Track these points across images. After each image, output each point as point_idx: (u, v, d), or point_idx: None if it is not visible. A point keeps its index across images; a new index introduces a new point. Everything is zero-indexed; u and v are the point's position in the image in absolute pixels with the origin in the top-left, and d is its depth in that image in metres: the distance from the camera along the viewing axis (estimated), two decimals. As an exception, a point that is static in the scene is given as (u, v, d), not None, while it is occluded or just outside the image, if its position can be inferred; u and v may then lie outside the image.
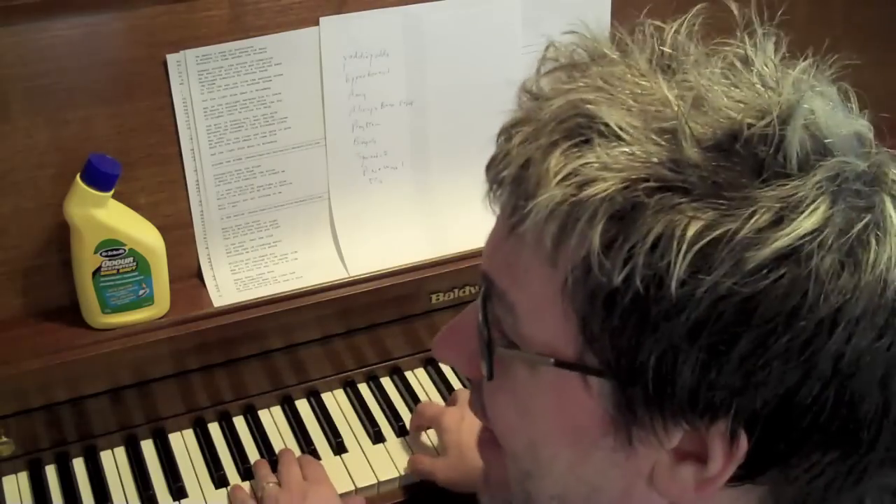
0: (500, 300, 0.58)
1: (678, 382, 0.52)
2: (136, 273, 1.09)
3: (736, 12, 0.58)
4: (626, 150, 0.52)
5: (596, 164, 0.52)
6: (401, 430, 1.19)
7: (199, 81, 1.09)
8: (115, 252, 1.06)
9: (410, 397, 1.23)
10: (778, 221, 0.50)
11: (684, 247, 0.49)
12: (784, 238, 0.49)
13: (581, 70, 0.60)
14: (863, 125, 0.56)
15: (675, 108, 0.53)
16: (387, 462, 1.15)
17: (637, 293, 0.51)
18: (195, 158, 1.13)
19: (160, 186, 1.13)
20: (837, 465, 0.55)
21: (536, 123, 0.58)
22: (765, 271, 0.49)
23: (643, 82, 0.56)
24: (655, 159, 0.51)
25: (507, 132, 0.61)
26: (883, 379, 0.53)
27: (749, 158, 0.51)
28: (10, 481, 1.10)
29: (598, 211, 0.51)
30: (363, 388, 1.25)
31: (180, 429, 1.18)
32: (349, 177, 1.21)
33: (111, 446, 1.15)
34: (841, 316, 0.50)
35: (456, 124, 1.24)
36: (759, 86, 0.54)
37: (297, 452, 1.16)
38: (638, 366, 0.53)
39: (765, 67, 0.56)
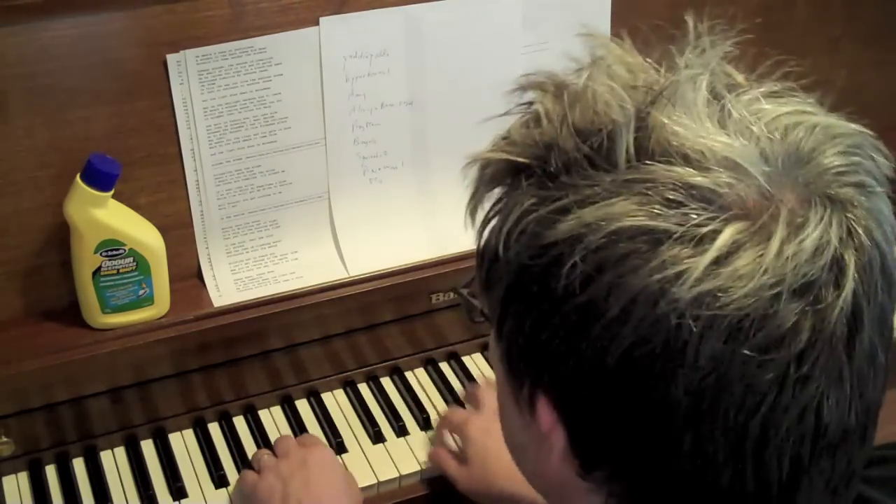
0: None
1: (504, 345, 0.59)
2: (136, 273, 1.09)
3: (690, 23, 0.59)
4: (535, 131, 0.57)
5: (505, 139, 0.59)
6: (401, 430, 1.19)
7: (199, 81, 1.09)
8: (115, 252, 1.06)
9: (410, 397, 1.23)
10: (566, 210, 0.53)
11: (511, 218, 0.56)
12: (562, 225, 0.53)
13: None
14: (740, 146, 0.53)
15: (570, 95, 0.56)
16: (387, 462, 1.15)
17: (486, 251, 0.59)
18: (195, 158, 1.13)
19: (160, 186, 1.13)
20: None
21: None
22: (547, 251, 0.53)
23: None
24: (540, 140, 0.57)
25: None
26: (664, 381, 0.52)
27: (596, 151, 0.54)
28: (10, 481, 1.10)
29: (489, 176, 0.59)
30: (363, 388, 1.25)
31: (180, 429, 1.18)
32: (349, 177, 1.21)
33: (111, 446, 1.15)
34: (596, 313, 0.52)
35: (456, 124, 1.24)
36: (635, 84, 0.56)
37: (297, 452, 1.16)
38: (496, 322, 0.60)
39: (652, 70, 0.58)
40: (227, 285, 1.17)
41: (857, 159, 0.55)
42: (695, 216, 0.51)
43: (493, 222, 0.59)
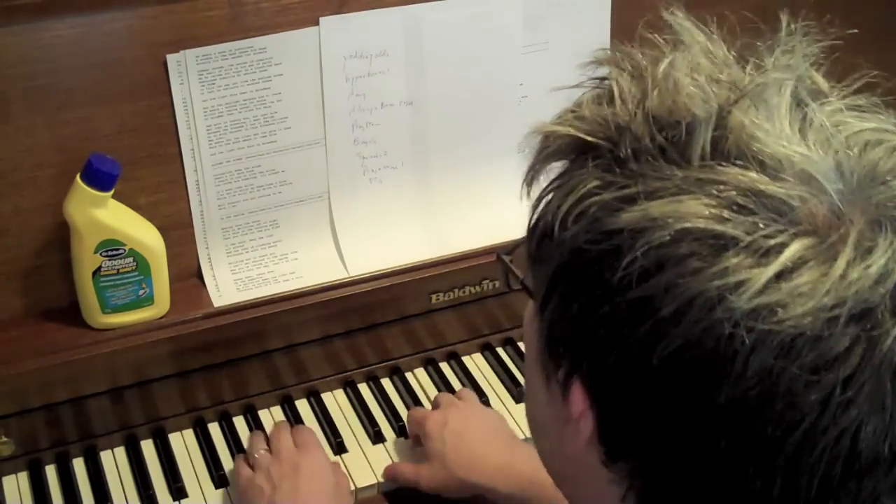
0: None
1: (546, 323, 0.58)
2: (136, 273, 1.09)
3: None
4: (607, 110, 0.56)
5: (574, 114, 0.58)
6: (401, 430, 1.19)
7: (199, 81, 1.09)
8: (115, 252, 1.06)
9: (410, 397, 1.23)
10: (632, 199, 0.52)
11: (572, 197, 0.54)
12: (626, 215, 0.52)
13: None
14: (818, 158, 0.52)
15: (649, 78, 0.55)
16: (387, 462, 1.15)
17: (539, 226, 0.58)
18: (195, 158, 1.13)
19: (160, 186, 1.13)
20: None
21: None
22: (607, 239, 0.52)
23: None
24: (612, 121, 0.55)
25: None
26: (709, 376, 0.51)
27: (671, 143, 0.53)
28: (10, 481, 1.10)
29: (553, 150, 0.58)
30: (363, 388, 1.25)
31: (180, 429, 1.18)
32: (349, 177, 1.21)
33: (111, 446, 1.15)
34: (649, 310, 0.51)
35: (456, 124, 1.24)
36: (719, 78, 0.55)
37: (297, 452, 1.16)
38: (541, 298, 0.58)
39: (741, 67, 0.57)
40: (227, 285, 1.17)
41: None
42: (763, 226, 0.49)
43: (551, 197, 0.57)
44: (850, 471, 0.52)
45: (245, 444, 1.16)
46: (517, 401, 1.24)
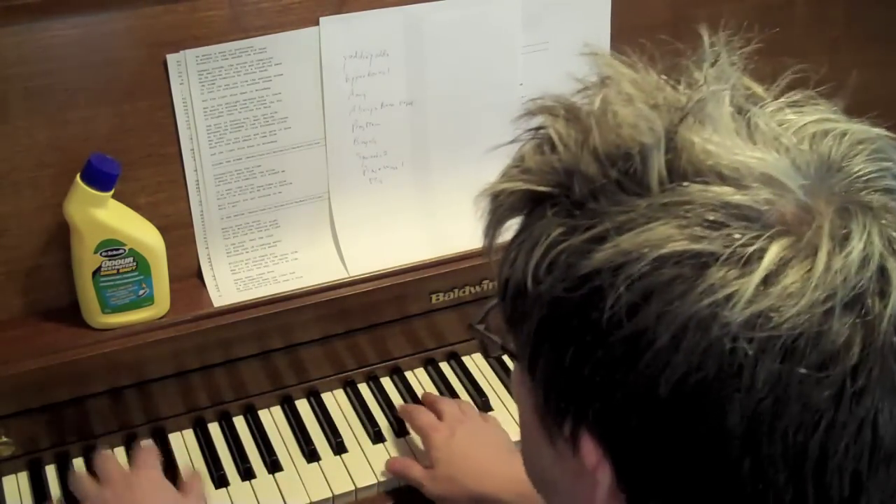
0: None
1: (540, 382, 0.56)
2: (136, 273, 1.09)
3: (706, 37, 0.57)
4: (552, 157, 0.55)
5: (519, 167, 0.57)
6: (401, 430, 1.19)
7: (199, 81, 1.09)
8: (115, 252, 1.06)
9: (410, 397, 1.23)
10: (601, 238, 0.51)
11: (539, 250, 0.54)
12: (599, 255, 0.51)
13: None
14: (773, 159, 0.52)
15: (586, 118, 0.55)
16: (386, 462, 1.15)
17: (510, 286, 0.56)
18: (195, 158, 1.13)
19: (160, 186, 1.13)
20: None
21: None
22: (585, 282, 0.51)
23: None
24: (559, 167, 0.55)
25: None
26: (720, 414, 0.50)
27: (626, 175, 0.53)
28: (10, 481, 1.10)
29: (507, 207, 0.58)
30: (363, 388, 1.25)
31: (180, 429, 1.18)
32: (349, 177, 1.21)
33: (111, 446, 1.14)
34: (645, 343, 0.50)
35: (456, 124, 1.24)
36: (656, 103, 0.55)
37: (298, 452, 1.16)
38: (528, 358, 0.57)
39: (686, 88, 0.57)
40: (227, 285, 1.17)
41: (885, 164, 0.54)
42: (738, 235, 0.49)
43: (515, 255, 0.56)
44: (877, 461, 0.52)
45: (245, 443, 1.16)
46: (517, 401, 1.24)
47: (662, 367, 0.50)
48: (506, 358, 1.30)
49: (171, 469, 1.12)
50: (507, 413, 1.22)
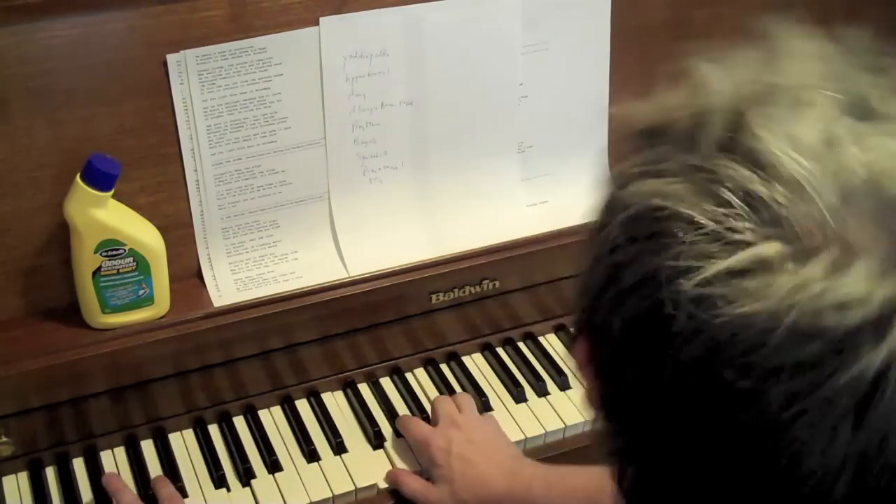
0: None
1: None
2: (136, 273, 1.09)
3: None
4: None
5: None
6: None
7: (199, 81, 1.09)
8: (115, 252, 1.06)
9: (410, 397, 1.23)
10: (636, 176, 0.55)
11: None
12: (629, 189, 0.54)
13: None
14: (820, 171, 0.50)
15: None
16: (386, 462, 1.15)
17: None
18: (195, 158, 1.13)
19: (160, 186, 1.13)
20: None
21: None
22: (600, 213, 0.57)
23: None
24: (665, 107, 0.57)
25: None
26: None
27: (686, 129, 0.55)
28: (10, 481, 1.10)
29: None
30: (363, 388, 1.25)
31: (180, 429, 1.17)
32: (349, 177, 1.21)
33: (111, 446, 1.15)
34: (615, 279, 0.53)
35: (456, 124, 1.24)
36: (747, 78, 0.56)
37: (298, 452, 1.16)
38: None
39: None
40: (227, 285, 1.17)
41: None
42: (734, 220, 0.49)
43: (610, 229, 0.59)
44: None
45: (245, 443, 1.16)
46: (517, 401, 1.24)
47: (619, 305, 0.53)
48: (506, 357, 1.30)
49: (171, 469, 1.12)
50: (506, 413, 1.22)
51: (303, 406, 1.22)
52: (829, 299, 0.47)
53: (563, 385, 1.26)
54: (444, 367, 1.28)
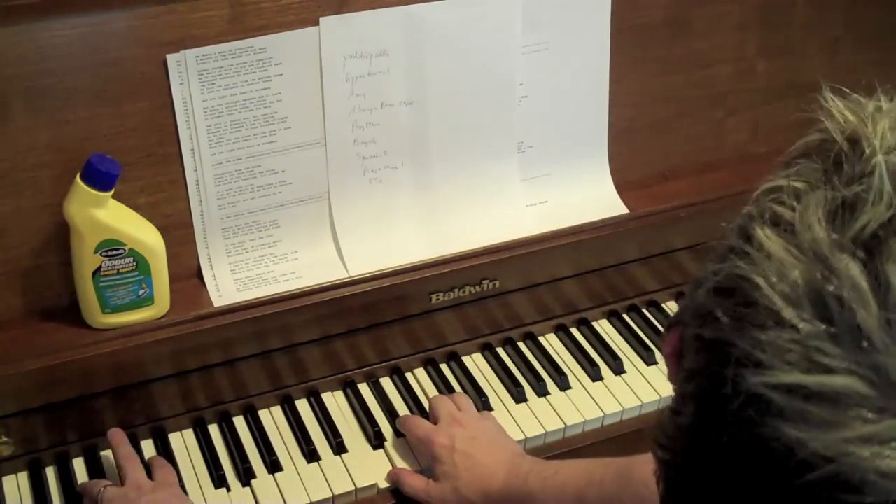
0: None
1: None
2: (136, 273, 1.09)
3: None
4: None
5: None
6: (400, 430, 1.19)
7: (199, 81, 1.09)
8: (115, 252, 1.06)
9: (410, 397, 1.23)
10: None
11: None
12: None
13: None
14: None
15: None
16: (386, 461, 1.15)
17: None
18: (195, 158, 1.13)
19: (160, 186, 1.13)
20: None
21: None
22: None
23: None
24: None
25: None
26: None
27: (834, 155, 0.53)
28: (10, 481, 1.10)
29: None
30: (363, 388, 1.25)
31: (180, 429, 1.18)
32: (349, 177, 1.21)
33: (110, 447, 1.14)
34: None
35: (456, 124, 1.24)
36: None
37: (298, 452, 1.16)
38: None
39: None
40: (227, 285, 1.17)
41: None
42: (827, 342, 0.45)
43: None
44: None
45: (245, 443, 1.16)
46: (517, 401, 1.24)
47: (697, 341, 0.52)
48: (506, 357, 1.30)
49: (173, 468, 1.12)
50: (506, 413, 1.22)
51: (303, 406, 1.22)
52: (887, 466, 0.44)
53: (563, 385, 1.26)
54: (444, 367, 1.28)
